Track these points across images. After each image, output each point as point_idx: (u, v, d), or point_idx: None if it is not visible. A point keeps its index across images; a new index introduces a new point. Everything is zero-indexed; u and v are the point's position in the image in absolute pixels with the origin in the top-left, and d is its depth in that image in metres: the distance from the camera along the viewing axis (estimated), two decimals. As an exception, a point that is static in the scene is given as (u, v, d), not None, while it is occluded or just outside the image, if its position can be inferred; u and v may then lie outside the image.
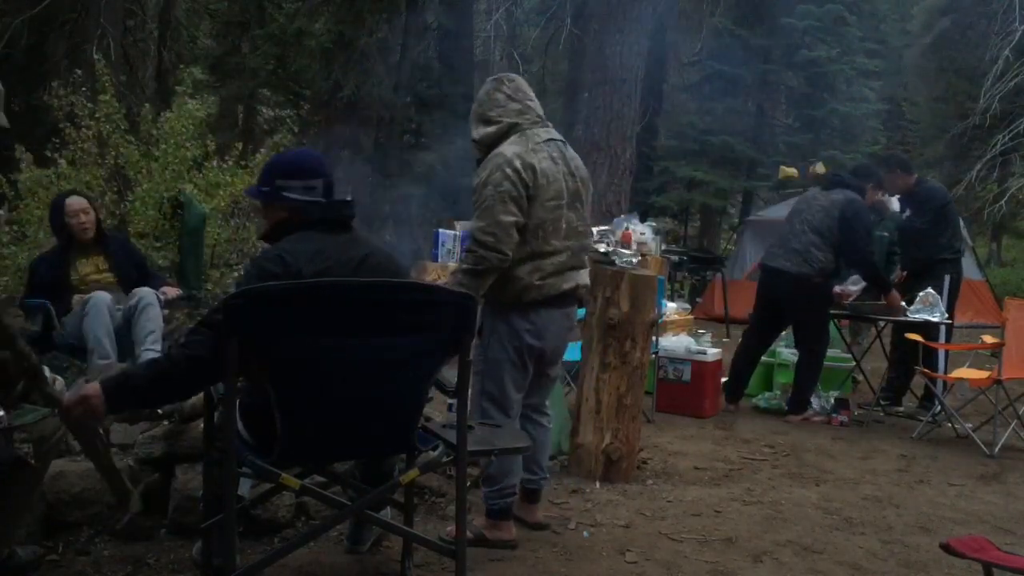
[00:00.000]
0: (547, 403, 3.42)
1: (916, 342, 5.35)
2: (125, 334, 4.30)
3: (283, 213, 2.55)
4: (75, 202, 4.64)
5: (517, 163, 2.98)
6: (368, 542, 3.01)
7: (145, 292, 4.37)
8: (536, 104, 3.21)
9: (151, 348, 4.13)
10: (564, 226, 3.09)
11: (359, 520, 2.89)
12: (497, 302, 3.09)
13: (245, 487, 2.87)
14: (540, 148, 3.06)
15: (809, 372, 5.61)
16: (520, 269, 3.02)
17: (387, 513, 2.93)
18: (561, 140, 3.21)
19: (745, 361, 5.78)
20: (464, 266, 3.04)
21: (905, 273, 6.13)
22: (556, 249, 3.07)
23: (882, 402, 5.95)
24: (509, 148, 3.03)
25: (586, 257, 3.30)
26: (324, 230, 2.49)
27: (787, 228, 5.62)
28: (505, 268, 3.00)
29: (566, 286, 3.11)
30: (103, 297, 4.26)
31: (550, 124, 3.24)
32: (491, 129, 3.12)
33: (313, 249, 2.42)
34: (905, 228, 6.00)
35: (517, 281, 3.03)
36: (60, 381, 2.65)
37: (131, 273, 4.73)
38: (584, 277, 3.25)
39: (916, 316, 5.40)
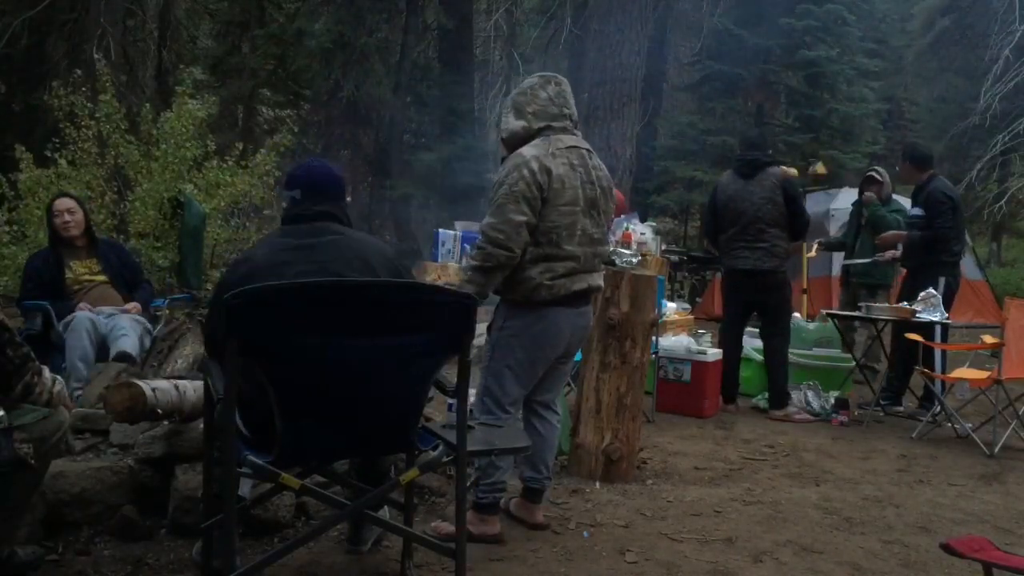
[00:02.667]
0: (557, 401, 3.43)
1: (915, 342, 5.36)
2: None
3: None
4: (62, 202, 4.74)
5: (534, 165, 3.02)
6: (368, 542, 3.01)
7: (123, 324, 4.43)
8: (574, 112, 3.24)
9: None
10: (579, 232, 3.12)
11: (357, 520, 2.89)
12: (510, 300, 3.13)
13: (246, 487, 2.87)
14: (560, 153, 3.10)
15: (783, 361, 5.70)
16: (532, 270, 3.06)
17: (385, 512, 2.93)
18: (587, 148, 3.24)
19: (734, 361, 5.82)
20: (473, 262, 3.08)
21: (904, 272, 6.15)
22: (570, 254, 3.10)
23: (882, 402, 5.95)
24: (529, 150, 3.07)
25: (600, 263, 3.31)
26: (292, 223, 2.70)
27: (737, 230, 5.66)
28: (515, 266, 3.04)
29: (577, 287, 3.13)
30: (83, 320, 4.34)
31: (579, 132, 3.27)
32: (520, 124, 3.16)
33: (268, 240, 2.81)
34: (911, 225, 5.97)
35: (528, 281, 3.06)
36: (60, 381, 2.65)
37: (123, 275, 4.79)
38: (597, 279, 3.27)
39: (921, 317, 5.42)
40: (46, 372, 2.57)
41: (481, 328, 3.10)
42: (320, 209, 2.67)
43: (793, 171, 5.98)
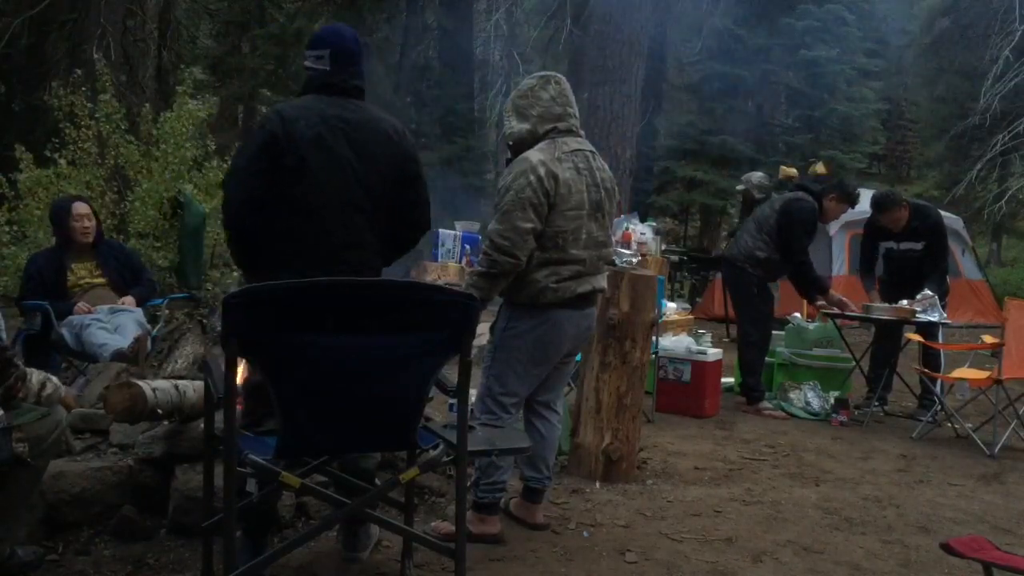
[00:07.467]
0: (559, 401, 3.43)
1: (895, 343, 5.37)
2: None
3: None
4: (82, 207, 4.81)
5: (541, 171, 3.00)
6: (367, 548, 2.94)
7: (123, 323, 4.50)
8: (575, 111, 3.22)
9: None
10: (584, 236, 3.12)
11: (356, 525, 2.87)
12: (515, 301, 3.13)
13: (254, 483, 2.85)
14: (566, 157, 3.08)
15: (743, 357, 5.81)
16: (537, 273, 3.06)
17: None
18: (590, 151, 3.23)
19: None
20: (478, 268, 3.09)
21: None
22: (575, 258, 3.10)
23: (877, 403, 5.92)
24: (535, 155, 3.05)
25: (603, 265, 3.32)
26: (327, 94, 2.73)
27: None
28: (520, 272, 3.04)
29: (581, 289, 3.14)
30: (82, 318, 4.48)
31: (582, 133, 3.26)
32: (524, 127, 3.13)
33: (305, 105, 2.69)
34: (905, 254, 5.84)
35: (534, 284, 3.07)
36: (53, 382, 2.64)
37: (123, 276, 4.83)
38: (600, 281, 3.28)
39: (921, 317, 5.42)
40: (33, 377, 2.55)
41: (483, 328, 3.10)
42: (355, 84, 2.76)
43: (792, 171, 6.01)
